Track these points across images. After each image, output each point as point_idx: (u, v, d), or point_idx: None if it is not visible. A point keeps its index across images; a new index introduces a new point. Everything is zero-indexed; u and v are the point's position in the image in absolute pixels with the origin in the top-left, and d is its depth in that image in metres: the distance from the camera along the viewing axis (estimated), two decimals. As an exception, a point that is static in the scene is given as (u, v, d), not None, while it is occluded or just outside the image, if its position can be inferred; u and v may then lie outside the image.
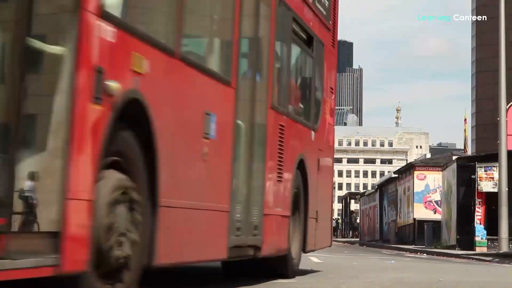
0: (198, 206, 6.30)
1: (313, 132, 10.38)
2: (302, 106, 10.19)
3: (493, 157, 29.40)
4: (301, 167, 9.62)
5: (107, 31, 4.62)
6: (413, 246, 36.95)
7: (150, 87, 5.23)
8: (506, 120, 28.69)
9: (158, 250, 5.40)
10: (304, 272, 10.41)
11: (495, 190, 28.53)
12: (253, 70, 7.93)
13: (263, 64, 8.24)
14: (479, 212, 30.27)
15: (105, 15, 4.58)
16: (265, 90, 8.19)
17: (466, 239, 30.24)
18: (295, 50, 9.74)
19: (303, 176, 9.70)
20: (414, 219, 41.84)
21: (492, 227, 28.41)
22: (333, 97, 11.56)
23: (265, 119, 8.13)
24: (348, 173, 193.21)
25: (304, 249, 9.97)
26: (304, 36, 10.01)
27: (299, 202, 9.63)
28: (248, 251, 7.82)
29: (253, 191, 7.76)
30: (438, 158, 47.85)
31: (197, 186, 6.31)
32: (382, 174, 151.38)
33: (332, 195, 11.87)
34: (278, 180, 8.66)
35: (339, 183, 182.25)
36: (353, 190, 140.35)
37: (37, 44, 4.25)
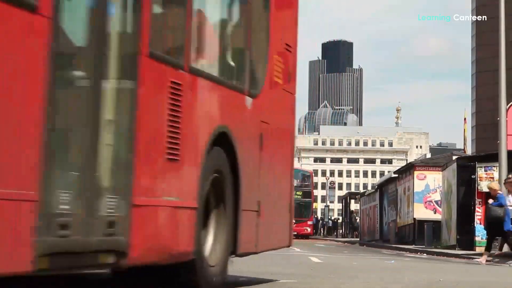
0: None
1: (249, 98, 7.84)
2: (228, 62, 7.77)
3: (493, 157, 29.37)
4: (226, 144, 7.20)
5: None
6: (413, 246, 36.89)
7: None
8: (506, 120, 28.65)
9: None
10: (235, 284, 7.94)
11: (495, 190, 28.51)
12: None
13: None
14: (479, 212, 30.22)
15: None
16: (132, 29, 5.83)
17: (466, 239, 30.20)
18: None
19: (229, 156, 7.29)
20: (414, 219, 41.79)
21: (492, 227, 28.37)
22: (291, 57, 9.02)
23: (134, 70, 5.79)
24: (348, 173, 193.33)
25: (235, 252, 7.45)
26: None
27: (224, 190, 7.28)
28: (99, 258, 5.45)
29: (107, 173, 5.47)
30: (438, 158, 47.77)
31: None
32: (382, 174, 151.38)
33: (291, 181, 9.23)
34: (171, 159, 6.25)
35: (339, 183, 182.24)
36: (353, 190, 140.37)
37: None
